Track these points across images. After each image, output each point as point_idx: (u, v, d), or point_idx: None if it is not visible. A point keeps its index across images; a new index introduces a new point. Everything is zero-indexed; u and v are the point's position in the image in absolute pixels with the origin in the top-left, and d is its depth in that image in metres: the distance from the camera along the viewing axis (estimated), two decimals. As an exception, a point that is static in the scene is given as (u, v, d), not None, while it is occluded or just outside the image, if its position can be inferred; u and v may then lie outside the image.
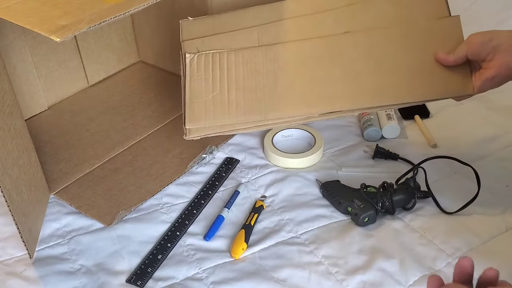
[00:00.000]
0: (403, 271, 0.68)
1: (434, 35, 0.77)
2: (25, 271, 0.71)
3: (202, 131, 0.79)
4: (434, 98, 0.77)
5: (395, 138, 0.92)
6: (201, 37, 0.82)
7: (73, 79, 1.07)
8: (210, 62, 0.80)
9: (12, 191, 0.68)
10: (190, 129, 0.79)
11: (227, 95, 0.79)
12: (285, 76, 0.79)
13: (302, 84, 0.79)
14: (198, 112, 0.79)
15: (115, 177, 0.86)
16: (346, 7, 0.80)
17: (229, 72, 0.80)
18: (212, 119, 0.78)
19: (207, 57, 0.80)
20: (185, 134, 0.79)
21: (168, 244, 0.74)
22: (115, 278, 0.70)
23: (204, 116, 0.79)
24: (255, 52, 0.80)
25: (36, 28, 0.60)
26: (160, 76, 1.13)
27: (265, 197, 0.81)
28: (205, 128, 0.79)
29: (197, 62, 0.80)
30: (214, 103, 0.79)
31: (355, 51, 0.78)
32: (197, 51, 0.81)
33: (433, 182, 0.80)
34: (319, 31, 0.80)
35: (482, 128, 0.93)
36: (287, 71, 0.79)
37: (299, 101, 0.78)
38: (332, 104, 0.77)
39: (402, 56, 0.77)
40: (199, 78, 0.80)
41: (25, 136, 0.75)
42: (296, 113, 0.78)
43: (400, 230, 0.74)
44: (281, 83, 0.79)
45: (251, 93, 0.79)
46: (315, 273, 0.69)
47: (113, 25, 1.10)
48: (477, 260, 0.69)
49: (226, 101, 0.78)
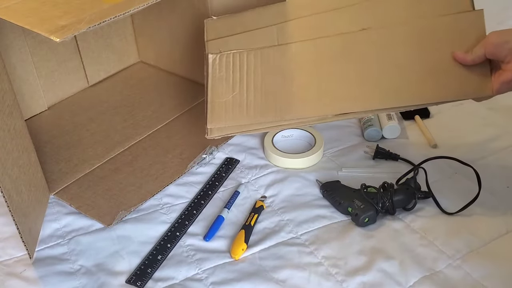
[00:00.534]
0: (403, 272, 0.68)
1: (453, 31, 0.74)
2: (25, 272, 0.71)
3: (223, 131, 0.81)
4: (449, 99, 0.74)
5: (396, 138, 0.92)
6: (223, 37, 0.84)
7: (73, 79, 1.07)
8: (231, 63, 0.82)
9: (12, 191, 0.68)
10: (211, 129, 0.81)
11: (246, 95, 0.80)
12: (302, 76, 0.80)
13: (317, 83, 0.79)
14: (218, 112, 0.81)
15: (115, 177, 0.86)
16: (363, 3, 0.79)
17: (248, 72, 0.81)
18: (231, 119, 0.80)
19: (228, 58, 0.82)
20: (206, 134, 0.81)
21: (168, 245, 0.74)
22: (115, 278, 0.70)
23: (224, 116, 0.80)
24: (273, 51, 0.81)
25: (35, 28, 0.60)
26: (160, 76, 1.13)
27: (265, 197, 0.81)
28: (225, 128, 0.81)
29: (219, 63, 0.82)
30: (234, 103, 0.80)
31: (370, 50, 0.77)
32: (219, 51, 0.82)
33: (434, 183, 0.80)
34: (336, 28, 0.80)
35: (483, 129, 0.93)
36: (304, 70, 0.80)
37: (314, 102, 0.78)
38: (346, 105, 0.77)
39: (418, 55, 0.75)
40: (220, 78, 0.81)
41: (25, 136, 0.75)
42: (311, 113, 0.78)
43: (401, 230, 0.74)
44: (297, 83, 0.79)
45: (268, 93, 0.80)
46: (315, 274, 0.69)
47: (113, 25, 1.10)
48: (478, 262, 0.69)
49: (245, 102, 0.80)
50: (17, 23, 0.61)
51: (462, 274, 0.67)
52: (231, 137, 0.93)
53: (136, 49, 1.17)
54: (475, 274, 0.67)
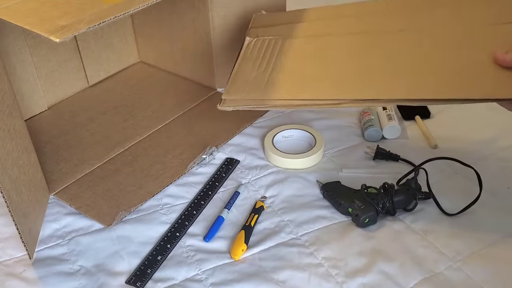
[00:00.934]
0: (404, 273, 0.68)
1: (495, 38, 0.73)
2: (25, 272, 0.71)
3: (235, 103, 0.80)
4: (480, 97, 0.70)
5: (396, 139, 0.92)
6: (265, 26, 0.87)
7: (73, 79, 1.07)
8: (264, 46, 0.84)
9: (12, 191, 0.67)
10: (224, 100, 0.81)
11: (268, 75, 0.81)
12: (328, 64, 0.80)
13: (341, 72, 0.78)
14: (237, 87, 0.81)
15: (115, 177, 0.86)
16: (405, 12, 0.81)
17: (277, 56, 0.82)
18: (247, 93, 0.80)
19: (263, 42, 0.84)
20: (219, 104, 0.81)
21: (168, 245, 0.74)
22: (115, 279, 0.70)
23: (241, 91, 0.80)
24: (308, 41, 0.83)
25: (35, 28, 0.59)
26: (160, 76, 1.13)
27: (265, 197, 0.81)
28: (239, 100, 0.80)
29: (253, 45, 0.84)
30: (254, 80, 0.81)
31: (403, 46, 0.77)
32: (257, 36, 0.84)
33: (434, 183, 0.80)
34: (374, 28, 0.82)
35: (483, 129, 0.92)
36: (331, 59, 0.80)
37: (332, 86, 0.78)
38: (366, 91, 0.75)
39: (452, 54, 0.74)
40: (250, 58, 0.83)
41: (25, 137, 0.75)
42: (327, 96, 0.77)
43: (401, 231, 0.74)
44: (322, 70, 0.80)
45: (289, 75, 0.80)
46: (315, 275, 0.69)
47: (113, 25, 1.10)
48: (478, 264, 0.69)
49: (265, 80, 0.80)
50: (17, 23, 0.61)
51: (463, 277, 0.67)
52: (231, 138, 0.93)
53: (136, 49, 1.17)
54: (476, 277, 0.67)
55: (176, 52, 1.09)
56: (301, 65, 0.81)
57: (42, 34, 0.59)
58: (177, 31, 1.05)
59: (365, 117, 0.94)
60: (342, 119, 0.97)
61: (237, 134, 0.95)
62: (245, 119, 0.97)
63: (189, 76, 1.11)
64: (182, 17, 1.02)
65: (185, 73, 1.11)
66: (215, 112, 1.00)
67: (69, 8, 0.64)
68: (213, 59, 1.03)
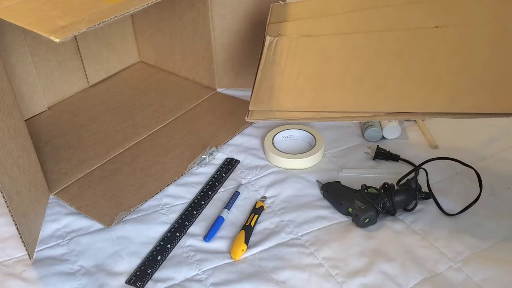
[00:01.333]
0: (404, 273, 0.68)
1: None
2: (25, 272, 0.71)
3: (264, 115, 0.77)
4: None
5: (396, 139, 0.92)
6: (286, 21, 0.81)
7: (73, 79, 1.07)
8: (286, 47, 0.78)
9: (12, 191, 0.67)
10: (252, 112, 0.77)
11: (295, 81, 0.76)
12: (358, 68, 0.75)
13: (373, 78, 0.73)
14: (263, 96, 0.77)
15: (115, 177, 0.86)
16: None
17: (302, 58, 0.77)
18: (275, 104, 0.76)
19: (285, 41, 0.78)
20: (247, 116, 0.77)
21: (168, 245, 0.74)
22: (115, 279, 0.70)
23: (268, 100, 0.76)
24: (332, 39, 0.77)
25: (35, 28, 0.59)
26: (160, 76, 1.13)
27: (265, 197, 0.81)
28: (267, 112, 0.77)
29: (275, 46, 0.79)
30: (281, 88, 0.77)
31: (440, 48, 0.71)
32: (278, 34, 0.79)
33: (434, 184, 0.80)
34: (406, 23, 0.75)
35: (484, 129, 0.92)
36: (361, 62, 0.75)
37: (367, 96, 0.72)
38: (402, 103, 0.70)
39: (493, 59, 0.67)
40: (272, 61, 0.78)
41: (25, 137, 0.75)
42: (361, 108, 0.72)
43: (401, 232, 0.74)
44: (352, 75, 0.74)
45: (319, 82, 0.75)
46: (315, 275, 0.69)
47: (113, 25, 1.10)
48: (478, 264, 0.69)
49: (292, 88, 0.76)
50: (17, 23, 0.61)
51: (463, 277, 0.67)
52: (231, 138, 0.93)
53: (136, 49, 1.17)
54: (476, 277, 0.67)
55: (176, 52, 1.09)
56: (329, 71, 0.75)
57: (42, 34, 0.58)
58: (177, 31, 1.05)
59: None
60: (342, 119, 0.97)
61: (237, 134, 0.95)
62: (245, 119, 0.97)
63: (189, 76, 1.11)
64: (182, 17, 1.02)
65: (185, 73, 1.11)
66: (215, 112, 1.01)
67: (69, 8, 0.64)
68: (213, 59, 1.03)
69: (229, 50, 1.02)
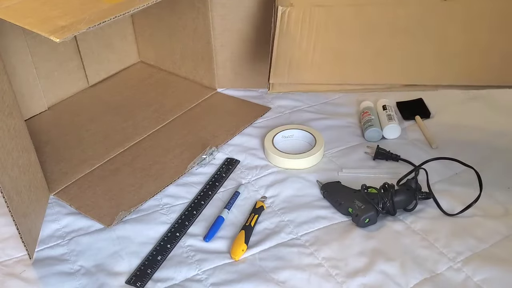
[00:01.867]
0: (404, 274, 0.68)
1: None
2: (25, 272, 0.71)
3: (285, 88, 0.78)
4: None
5: (396, 139, 0.92)
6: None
7: (73, 79, 1.07)
8: (300, 18, 0.78)
9: (12, 191, 0.67)
10: (273, 84, 0.79)
11: (312, 54, 0.77)
12: (374, 42, 0.77)
13: (389, 52, 0.76)
14: (282, 69, 0.78)
15: (115, 177, 0.86)
16: None
17: (317, 30, 0.78)
18: (294, 76, 0.77)
19: (298, 12, 0.78)
20: (268, 88, 0.79)
21: (168, 245, 0.74)
22: (115, 279, 0.70)
23: (287, 73, 0.78)
24: (346, 11, 0.77)
25: (35, 28, 0.60)
26: (160, 76, 1.13)
27: (265, 197, 0.81)
28: (287, 85, 0.78)
29: (288, 17, 0.79)
30: (299, 61, 0.78)
31: (449, 24, 0.74)
32: (290, 4, 0.79)
33: (434, 184, 0.80)
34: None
35: (484, 129, 0.92)
36: (378, 35, 0.77)
37: (384, 70, 0.75)
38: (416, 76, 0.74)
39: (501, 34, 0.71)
40: (288, 34, 0.78)
41: (25, 137, 0.75)
42: (379, 80, 0.75)
43: (401, 232, 0.74)
44: (369, 48, 0.76)
45: (336, 55, 0.77)
46: (315, 275, 0.69)
47: (113, 25, 1.10)
48: (478, 264, 0.69)
49: (310, 61, 0.77)
50: (17, 23, 0.61)
51: (463, 277, 0.67)
52: (231, 138, 0.93)
53: (136, 49, 1.17)
54: (476, 277, 0.67)
55: (176, 52, 1.09)
56: (346, 45, 0.76)
57: (42, 34, 0.59)
58: (177, 31, 1.05)
59: (365, 117, 0.94)
60: (342, 119, 0.96)
61: (237, 134, 0.95)
62: (245, 119, 0.97)
63: (189, 76, 1.11)
64: (182, 17, 1.02)
65: (185, 73, 1.11)
66: (215, 112, 1.01)
67: (69, 8, 0.64)
68: (213, 59, 1.03)
69: (229, 50, 1.02)
